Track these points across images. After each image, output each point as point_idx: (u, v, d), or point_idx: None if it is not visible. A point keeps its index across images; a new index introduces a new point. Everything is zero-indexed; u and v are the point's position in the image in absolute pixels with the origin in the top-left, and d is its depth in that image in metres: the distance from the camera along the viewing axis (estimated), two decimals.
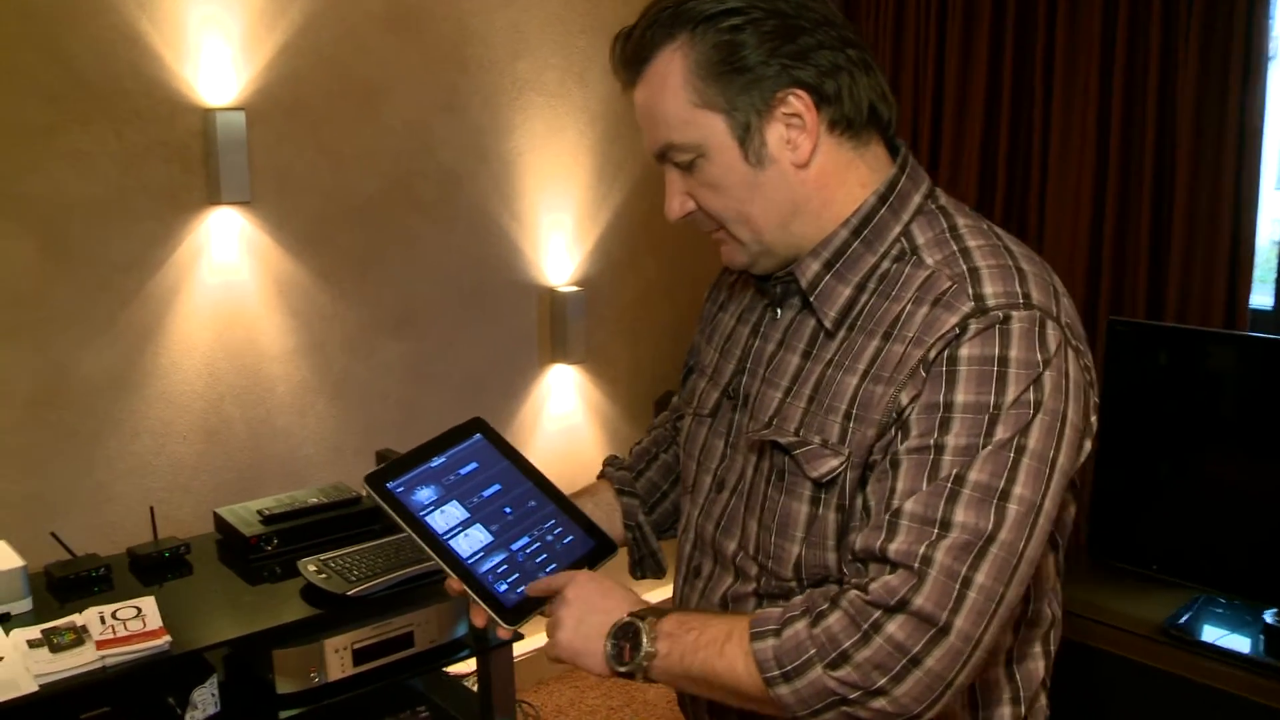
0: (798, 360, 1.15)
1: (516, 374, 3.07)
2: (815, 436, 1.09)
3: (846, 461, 1.06)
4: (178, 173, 2.38)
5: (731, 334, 1.28)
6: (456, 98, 2.83)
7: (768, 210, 1.11)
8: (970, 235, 1.10)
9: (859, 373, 1.07)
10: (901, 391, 1.03)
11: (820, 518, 1.08)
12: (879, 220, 1.12)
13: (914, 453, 1.01)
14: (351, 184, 2.66)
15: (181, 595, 2.02)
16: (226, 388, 2.51)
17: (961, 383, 1.00)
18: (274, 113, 2.50)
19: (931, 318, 1.03)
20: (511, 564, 1.15)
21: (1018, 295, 1.02)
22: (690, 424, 1.30)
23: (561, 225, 3.10)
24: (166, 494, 2.43)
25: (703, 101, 1.08)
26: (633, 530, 1.41)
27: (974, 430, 0.98)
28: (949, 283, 1.05)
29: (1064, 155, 2.88)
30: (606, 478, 1.45)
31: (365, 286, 2.72)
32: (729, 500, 1.20)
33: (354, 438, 2.72)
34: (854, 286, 1.11)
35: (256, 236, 2.51)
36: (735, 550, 1.18)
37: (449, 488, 1.19)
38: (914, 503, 0.98)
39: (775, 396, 1.15)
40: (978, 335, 1.00)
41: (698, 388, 1.31)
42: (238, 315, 2.51)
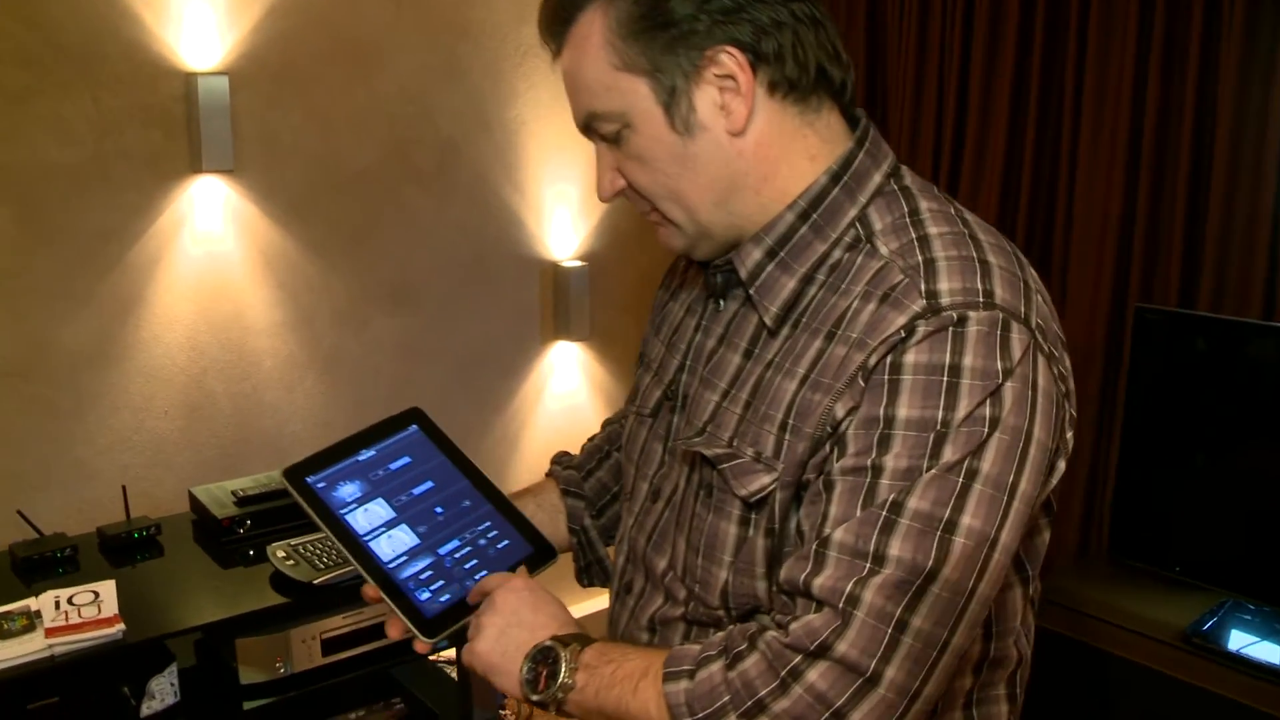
0: (738, 359, 1.03)
1: (517, 351, 2.98)
2: (749, 449, 0.97)
3: (778, 479, 0.94)
4: (159, 139, 2.29)
5: (679, 326, 1.16)
6: (457, 63, 2.72)
7: (700, 186, 0.99)
8: (933, 221, 0.97)
9: (798, 377, 0.95)
10: (838, 402, 0.90)
11: (749, 541, 0.97)
12: (831, 202, 0.99)
13: (849, 474, 0.89)
14: (344, 152, 2.57)
15: (149, 578, 1.96)
16: (210, 362, 2.43)
17: (905, 394, 0.87)
18: (260, 77, 2.41)
19: (877, 317, 0.91)
20: (437, 570, 1.05)
21: (977, 292, 0.90)
22: (632, 424, 1.19)
23: (566, 197, 2.99)
24: (146, 471, 2.36)
25: (624, 63, 0.96)
26: (578, 535, 1.30)
27: (916, 451, 0.86)
28: (901, 276, 0.92)
29: (1096, 130, 2.72)
30: (553, 476, 1.34)
31: (358, 259, 2.63)
32: (663, 512, 1.09)
33: (344, 415, 2.65)
34: (800, 278, 0.99)
35: (242, 206, 2.43)
36: (665, 569, 1.07)
37: (376, 484, 1.08)
38: (844, 531, 0.87)
39: (712, 400, 1.03)
40: (926, 339, 0.88)
41: (642, 384, 1.19)
42: (222, 287, 2.43)
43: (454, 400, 2.85)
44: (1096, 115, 2.71)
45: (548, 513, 1.28)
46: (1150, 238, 2.65)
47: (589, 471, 1.34)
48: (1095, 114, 2.71)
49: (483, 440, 2.94)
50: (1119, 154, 2.66)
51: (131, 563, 2.02)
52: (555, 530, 1.27)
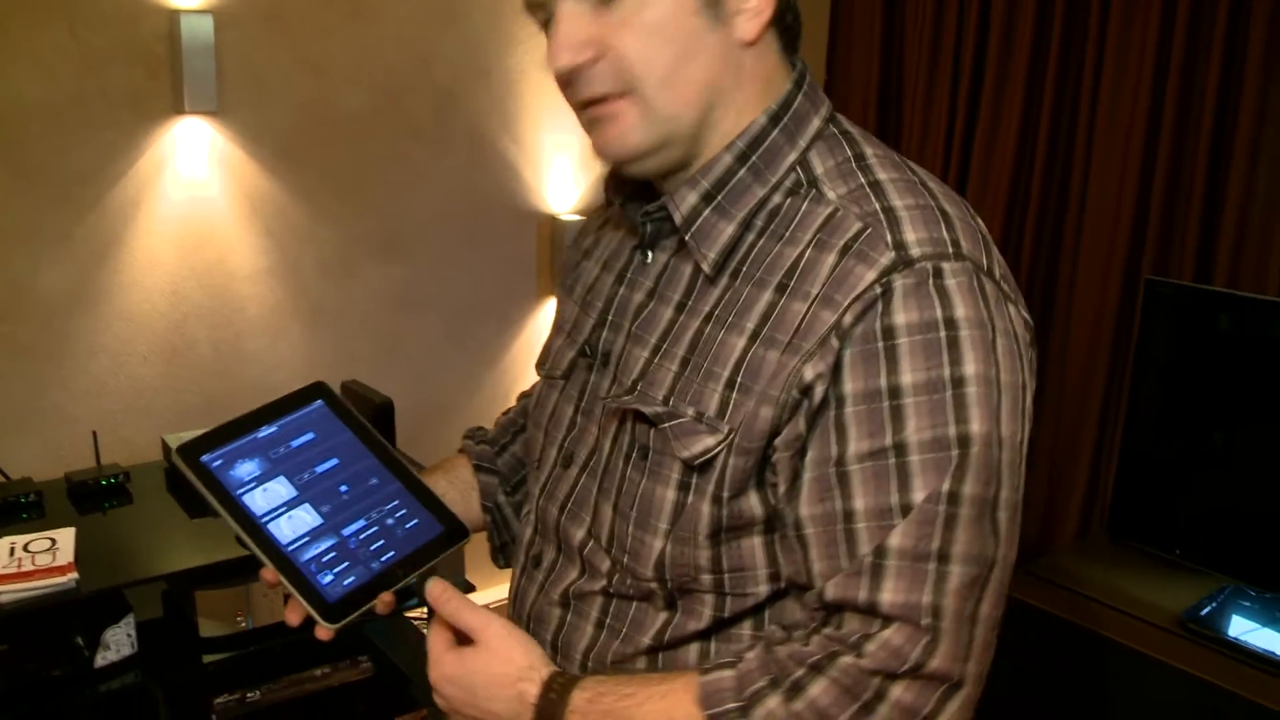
0: (670, 313, 0.96)
1: (511, 306, 2.91)
2: (688, 408, 0.90)
3: (726, 442, 0.87)
4: (141, 78, 2.23)
5: (595, 283, 1.08)
6: (455, 7, 2.64)
7: (696, 83, 0.90)
8: (880, 166, 0.91)
9: (746, 332, 0.88)
10: (806, 364, 0.84)
11: (690, 508, 0.90)
12: (770, 144, 0.93)
13: (866, 459, 0.82)
14: (334, 98, 2.50)
15: (114, 527, 1.93)
16: (192, 307, 2.39)
17: (905, 359, 0.82)
18: (247, 17, 2.34)
19: (843, 270, 0.84)
20: (341, 551, 0.99)
21: (945, 242, 0.85)
22: (541, 388, 1.12)
23: (566, 148, 2.91)
24: (125, 416, 2.33)
25: None
26: (491, 512, 1.23)
27: (937, 416, 0.81)
28: (859, 224, 0.86)
29: (1116, 97, 2.61)
30: (465, 452, 1.27)
31: (347, 207, 2.56)
32: (578, 478, 1.02)
33: (330, 366, 2.60)
34: (738, 224, 0.92)
35: (227, 149, 2.37)
36: (583, 539, 1.00)
37: (276, 462, 1.02)
38: (901, 536, 0.81)
39: (642, 356, 0.96)
40: (910, 295, 0.82)
41: (553, 345, 1.12)
42: (205, 232, 2.37)
43: (445, 353, 2.80)
44: (1116, 82, 2.60)
45: (460, 490, 1.21)
46: (1167, 211, 2.56)
47: (503, 446, 1.27)
48: (1115, 81, 2.60)
49: (474, 396, 2.88)
50: (1138, 123, 2.56)
51: (99, 510, 1.99)
52: (468, 508, 1.20)
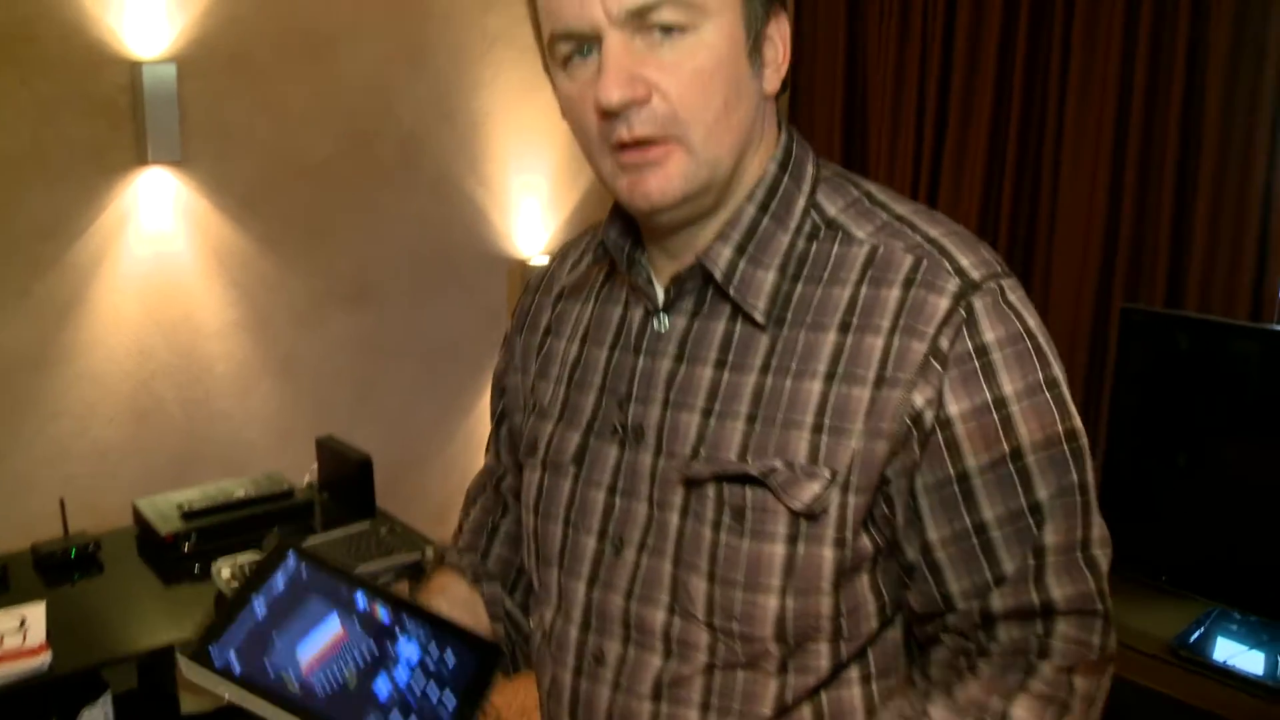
0: (710, 372, 0.93)
1: (482, 352, 2.86)
2: (775, 461, 0.88)
3: (835, 484, 0.86)
4: (102, 130, 2.17)
5: (580, 361, 1.03)
6: (419, 52, 2.61)
7: (737, 130, 0.89)
8: (893, 202, 0.94)
9: (819, 375, 0.88)
10: (914, 392, 0.85)
11: (806, 557, 0.88)
12: (784, 192, 0.94)
13: (988, 471, 0.86)
14: (300, 144, 2.45)
15: (86, 599, 1.85)
16: (158, 365, 2.31)
17: (1002, 372, 0.86)
18: (210, 65, 2.29)
19: (916, 301, 0.86)
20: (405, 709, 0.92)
21: (991, 263, 0.90)
22: (542, 478, 1.04)
23: (534, 190, 2.88)
24: (90, 481, 2.24)
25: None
26: (502, 621, 1.15)
27: (1042, 419, 0.86)
28: (910, 256, 0.88)
29: (1081, 126, 2.64)
30: (452, 567, 1.18)
31: (315, 256, 2.51)
32: (639, 560, 0.96)
33: (303, 420, 2.53)
34: (775, 270, 0.92)
35: (191, 200, 2.31)
36: (666, 621, 0.95)
37: (292, 638, 0.94)
38: (1053, 533, 0.86)
39: (693, 421, 0.93)
40: (991, 313, 0.87)
41: (542, 432, 1.05)
42: (171, 286, 2.30)
43: (417, 402, 2.74)
44: (1081, 111, 2.63)
45: (464, 608, 1.12)
46: (1136, 238, 2.58)
47: (484, 551, 1.20)
48: (1079, 110, 2.63)
49: (447, 444, 2.83)
50: (1104, 151, 2.58)
51: (68, 582, 1.90)
52: (477, 623, 1.12)
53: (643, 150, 0.88)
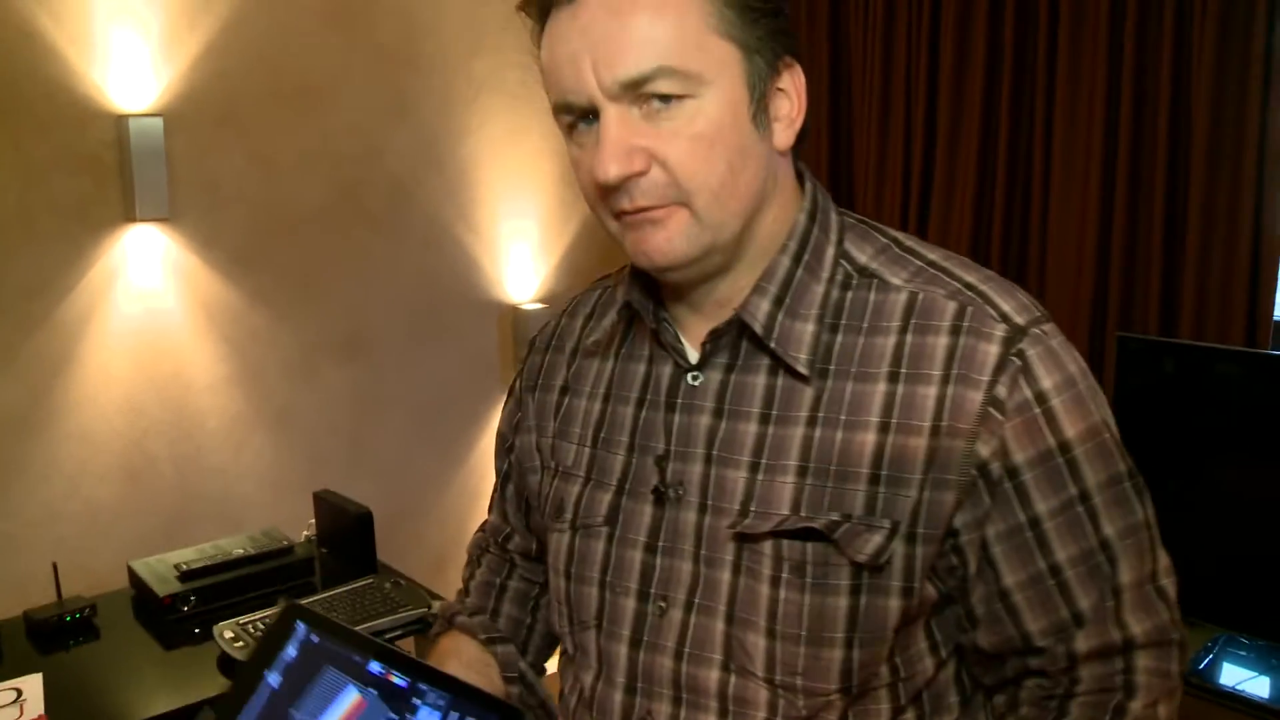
0: (755, 427, 0.91)
1: (476, 400, 2.83)
2: (832, 514, 0.87)
3: (895, 535, 0.86)
4: (88, 187, 2.14)
5: (605, 419, 1.01)
6: (407, 100, 2.60)
7: (746, 192, 0.88)
8: (922, 248, 0.95)
9: (871, 427, 0.87)
10: (977, 443, 0.85)
11: (869, 607, 0.87)
12: (815, 242, 0.94)
13: (1059, 515, 0.87)
14: (289, 196, 2.42)
15: (83, 667, 1.79)
16: (150, 423, 2.27)
17: (1063, 418, 0.87)
18: (198, 119, 2.26)
19: (966, 349, 0.87)
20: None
21: (1030, 307, 0.90)
22: (572, 540, 1.02)
23: (524, 236, 2.87)
24: (80, 542, 2.19)
25: (724, 30, 0.85)
26: (516, 682, 1.13)
27: (1105, 460, 0.88)
28: (954, 303, 0.89)
29: (1068, 159, 2.65)
30: (462, 629, 1.15)
31: (306, 308, 2.48)
32: (686, 619, 0.93)
33: (297, 474, 2.49)
34: (814, 321, 0.91)
35: (181, 256, 2.28)
36: (721, 679, 0.92)
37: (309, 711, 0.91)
38: (1127, 570, 0.88)
39: (739, 476, 0.91)
40: (1044, 360, 0.88)
41: (568, 495, 1.03)
42: (161, 342, 2.27)
43: (412, 454, 2.70)
44: (1069, 139, 2.64)
45: (478, 670, 1.10)
46: (1128, 264, 2.59)
47: (493, 611, 1.18)
48: (1067, 138, 2.64)
49: (441, 496, 2.79)
50: (1093, 178, 2.60)
51: (63, 649, 1.85)
52: (492, 686, 1.10)
53: (645, 212, 0.88)
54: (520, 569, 1.21)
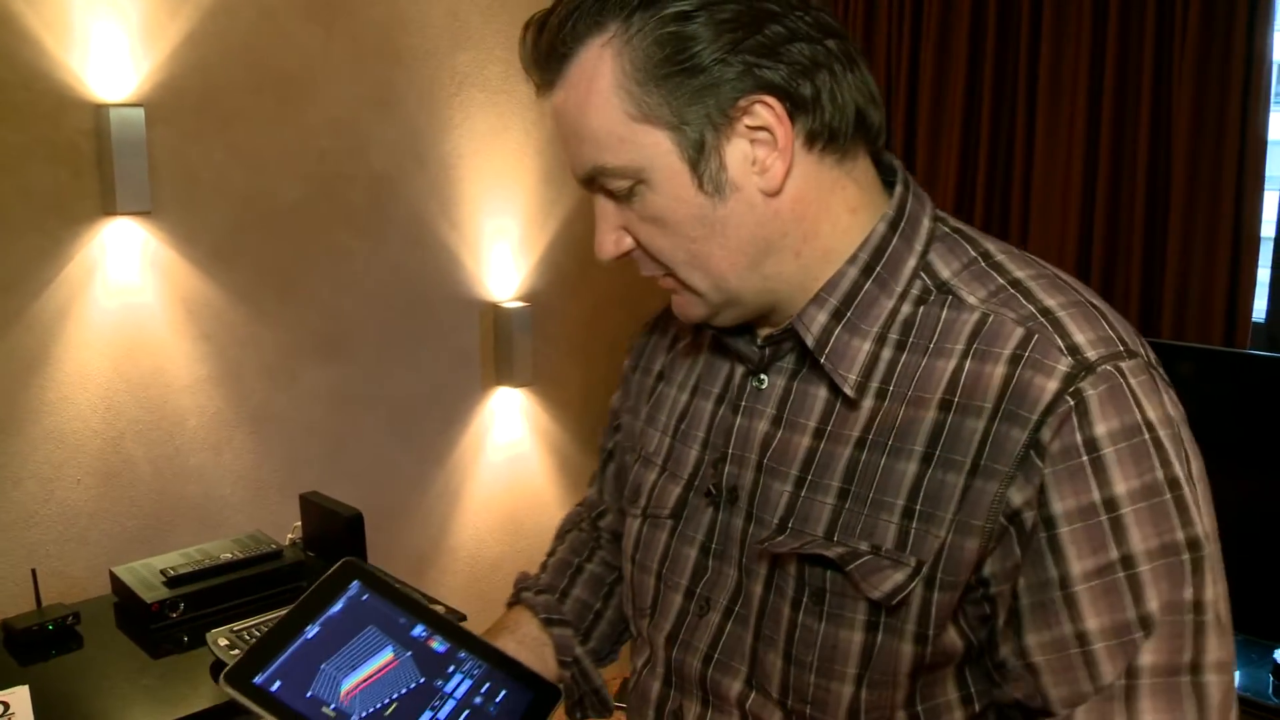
0: (808, 441, 0.88)
1: (458, 399, 2.79)
2: (861, 543, 0.83)
3: (919, 576, 0.80)
4: (66, 178, 2.06)
5: (687, 411, 1.01)
6: (389, 93, 2.55)
7: (730, 250, 0.86)
8: (1014, 264, 0.87)
9: (915, 456, 0.82)
10: (1011, 488, 0.78)
11: (883, 649, 0.83)
12: (893, 252, 0.87)
13: (1094, 578, 0.77)
14: (270, 190, 2.36)
15: (68, 677, 1.72)
16: (128, 423, 2.19)
17: (1115, 469, 0.77)
18: (178, 109, 2.19)
19: (1021, 383, 0.78)
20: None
21: (1114, 340, 0.80)
22: (640, 528, 1.02)
23: (506, 234, 2.83)
24: (57, 548, 2.11)
25: (642, 114, 0.82)
26: (570, 667, 1.12)
27: (1162, 523, 0.77)
28: (1020, 330, 0.81)
29: (1049, 160, 2.68)
30: (526, 605, 1.16)
31: (287, 305, 2.42)
32: (722, 625, 0.93)
33: (277, 475, 2.42)
34: (873, 339, 0.86)
35: (160, 251, 2.20)
36: (742, 691, 0.91)
37: (340, 666, 0.90)
38: (1152, 653, 0.77)
39: (784, 490, 0.88)
40: (1108, 402, 0.77)
41: (645, 481, 1.03)
42: (139, 341, 2.19)
43: (392, 454, 2.65)
44: (1050, 143, 2.67)
45: (531, 649, 1.10)
46: (1108, 267, 2.62)
47: (563, 592, 1.17)
48: (1048, 142, 2.67)
49: (424, 497, 2.74)
50: (1074, 181, 2.63)
51: (44, 659, 1.77)
52: (543, 667, 1.10)
53: (659, 279, 0.92)
54: (603, 552, 1.20)
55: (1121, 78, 2.53)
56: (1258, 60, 2.34)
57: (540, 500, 3.01)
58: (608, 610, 1.18)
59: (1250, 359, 2.32)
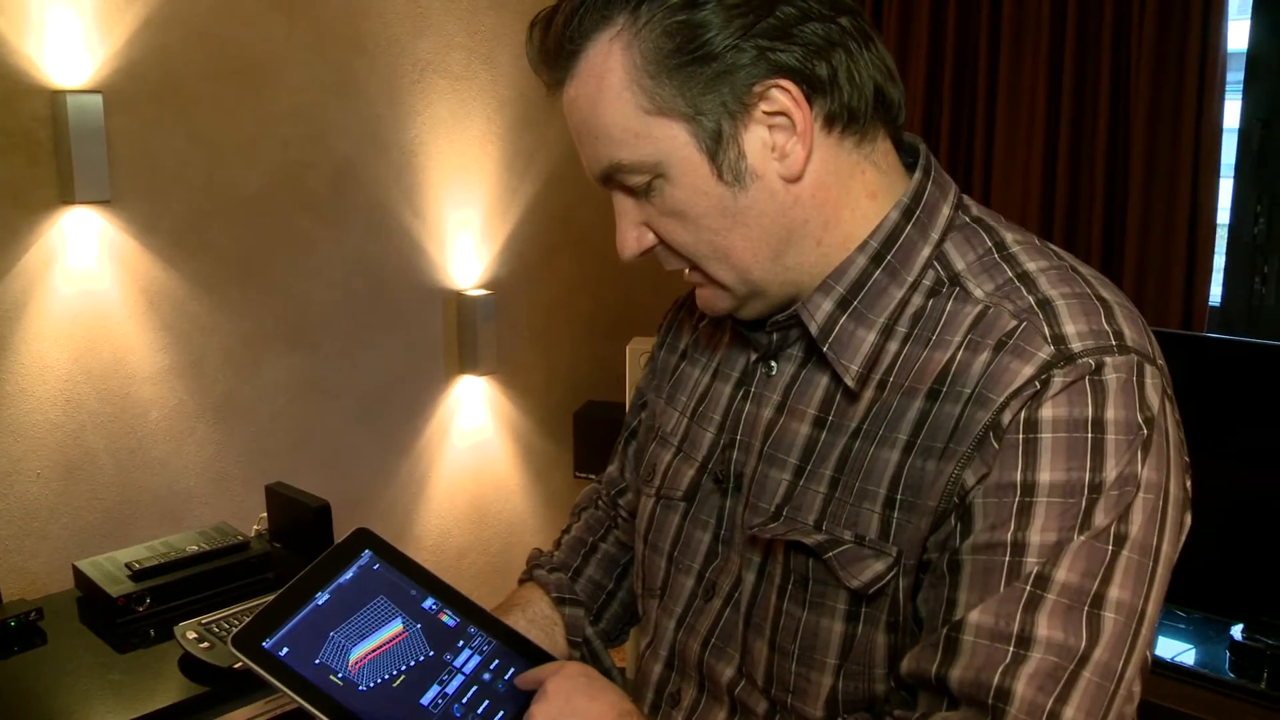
0: (808, 430, 0.88)
1: (421, 388, 2.77)
2: (845, 532, 0.83)
3: (897, 564, 0.81)
4: (22, 166, 2.02)
5: (706, 394, 1.01)
6: (351, 80, 2.52)
7: (753, 241, 0.85)
8: (1027, 255, 0.85)
9: (899, 444, 0.81)
10: (966, 469, 0.77)
11: (862, 639, 0.83)
12: (905, 241, 0.86)
13: (982, 551, 0.76)
14: (231, 178, 2.33)
15: (33, 674, 1.69)
16: (88, 416, 2.16)
17: (1046, 455, 0.76)
18: (137, 96, 2.16)
19: (998, 368, 0.78)
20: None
21: (1107, 335, 0.78)
22: (654, 508, 1.02)
23: (468, 222, 2.81)
24: (17, 543, 2.07)
25: (656, 106, 0.81)
26: (580, 647, 1.13)
27: (1064, 521, 0.75)
28: (1014, 321, 0.80)
29: (1010, 149, 2.71)
30: (538, 583, 1.15)
31: (249, 294, 2.39)
32: (721, 611, 0.93)
33: (241, 466, 2.40)
34: (879, 330, 0.85)
35: (119, 240, 2.17)
36: (733, 678, 0.92)
37: (348, 635, 0.89)
38: (981, 613, 0.75)
39: (782, 479, 0.88)
40: (1064, 391, 0.76)
41: (661, 461, 1.03)
42: (99, 331, 2.16)
43: (356, 444, 2.63)
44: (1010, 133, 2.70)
45: (541, 627, 1.10)
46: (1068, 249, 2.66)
47: (576, 571, 1.17)
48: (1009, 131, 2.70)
49: (388, 486, 2.72)
50: (1034, 169, 2.66)
51: (6, 656, 1.74)
52: (553, 646, 1.10)
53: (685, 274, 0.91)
54: (618, 531, 1.19)
55: (1081, 68, 2.57)
56: (1213, 51, 2.38)
57: (505, 488, 3.01)
58: (620, 591, 1.17)
59: (1207, 341, 2.37)
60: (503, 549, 2.94)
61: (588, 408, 3.02)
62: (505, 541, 2.96)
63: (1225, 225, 2.53)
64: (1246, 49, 2.46)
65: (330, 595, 0.90)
